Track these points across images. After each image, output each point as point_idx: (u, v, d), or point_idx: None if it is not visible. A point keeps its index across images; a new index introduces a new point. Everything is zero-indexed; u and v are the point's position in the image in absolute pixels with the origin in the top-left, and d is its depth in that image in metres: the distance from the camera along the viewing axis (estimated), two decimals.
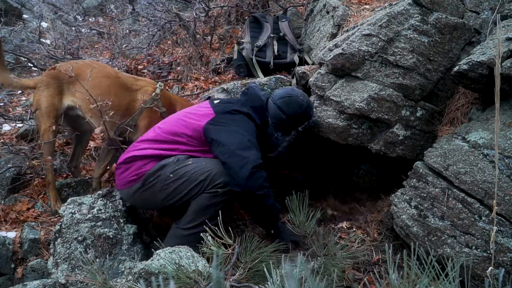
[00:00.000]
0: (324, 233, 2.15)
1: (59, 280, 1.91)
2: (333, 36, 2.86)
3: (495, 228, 1.53)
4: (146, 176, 2.05)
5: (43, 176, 2.68)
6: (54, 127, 2.51)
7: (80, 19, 5.70)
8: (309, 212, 2.02)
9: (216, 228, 1.53)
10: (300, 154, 2.71)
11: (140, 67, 4.16)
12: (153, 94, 2.56)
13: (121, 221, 2.15)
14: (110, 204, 2.20)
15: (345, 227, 2.46)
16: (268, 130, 2.30)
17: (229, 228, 1.62)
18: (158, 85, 2.61)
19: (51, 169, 2.57)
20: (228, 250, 1.55)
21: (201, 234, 1.56)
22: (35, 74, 4.35)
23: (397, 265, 0.94)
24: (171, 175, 2.00)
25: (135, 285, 1.45)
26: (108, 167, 2.77)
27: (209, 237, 1.50)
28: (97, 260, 1.94)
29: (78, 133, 2.72)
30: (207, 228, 1.55)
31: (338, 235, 2.28)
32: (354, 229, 2.41)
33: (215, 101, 2.24)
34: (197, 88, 3.51)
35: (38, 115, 2.53)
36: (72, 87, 2.51)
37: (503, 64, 1.91)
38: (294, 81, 2.89)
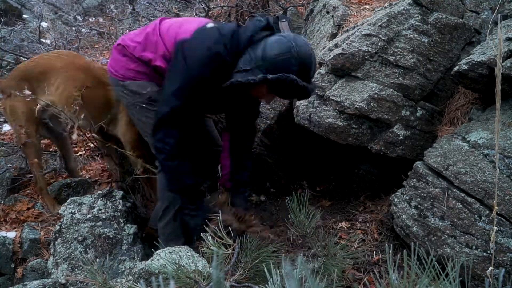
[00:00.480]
0: (324, 233, 2.15)
1: (59, 280, 1.91)
2: (333, 36, 2.86)
3: (495, 228, 1.53)
4: (123, 84, 2.01)
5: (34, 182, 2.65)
6: (34, 130, 2.38)
7: (80, 19, 5.70)
8: (309, 212, 2.02)
9: (216, 229, 1.53)
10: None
11: None
12: None
13: (121, 221, 2.15)
14: (110, 204, 2.20)
15: (345, 227, 2.46)
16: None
17: (229, 228, 1.62)
18: None
19: (41, 174, 2.48)
20: (228, 250, 1.55)
21: (201, 235, 1.55)
22: None
23: (397, 265, 0.94)
24: (137, 107, 2.00)
25: (135, 285, 1.45)
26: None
27: (209, 237, 1.50)
28: (97, 260, 1.94)
29: (55, 136, 2.65)
30: (207, 229, 1.55)
31: (338, 235, 2.28)
32: (353, 230, 2.42)
33: (209, 25, 1.86)
34: None
35: (15, 122, 2.39)
36: (44, 84, 2.33)
37: (503, 64, 1.91)
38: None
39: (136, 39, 1.98)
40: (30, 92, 2.17)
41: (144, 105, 1.98)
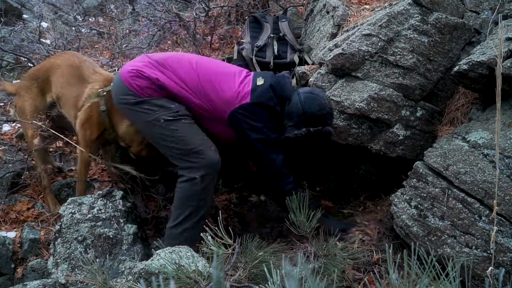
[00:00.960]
0: (324, 234, 2.15)
1: (59, 280, 1.91)
2: (333, 36, 2.86)
3: (495, 228, 1.53)
4: (145, 100, 2.09)
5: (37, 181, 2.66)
6: (40, 130, 2.41)
7: (80, 19, 5.70)
8: (309, 212, 2.02)
9: (216, 228, 1.53)
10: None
11: None
12: (100, 90, 2.32)
13: (121, 221, 2.15)
14: (110, 204, 2.20)
15: None
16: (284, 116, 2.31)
17: (229, 228, 1.61)
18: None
19: (46, 174, 2.53)
20: (228, 250, 1.55)
21: (201, 235, 1.55)
22: None
23: (397, 265, 0.94)
24: (162, 120, 2.06)
25: (135, 285, 1.45)
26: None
27: (209, 237, 1.50)
28: (97, 260, 1.94)
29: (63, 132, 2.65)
30: (207, 228, 1.55)
31: (338, 235, 2.28)
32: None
33: (259, 81, 2.23)
34: None
35: (24, 121, 2.47)
36: (47, 83, 2.45)
37: (503, 64, 1.91)
38: (294, 81, 2.89)
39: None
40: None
41: (170, 118, 2.07)
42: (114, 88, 2.22)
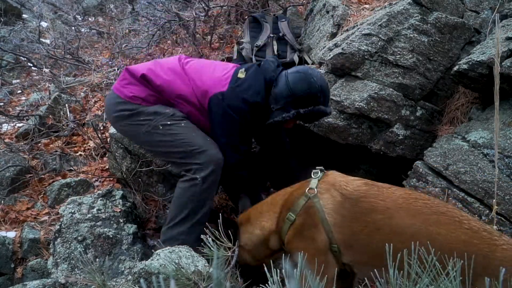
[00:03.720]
0: None
1: (59, 280, 1.91)
2: (333, 35, 2.85)
3: (494, 227, 1.53)
4: (139, 111, 2.07)
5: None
6: None
7: (80, 18, 5.69)
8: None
9: (216, 231, 1.52)
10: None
11: None
12: None
13: (121, 221, 2.15)
14: (110, 204, 2.20)
15: None
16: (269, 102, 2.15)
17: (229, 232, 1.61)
18: None
19: None
20: (228, 253, 1.54)
21: (202, 236, 1.54)
22: (34, 74, 4.35)
23: (397, 265, 0.94)
24: (160, 127, 2.04)
25: (134, 286, 1.45)
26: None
27: (209, 239, 1.50)
28: (97, 260, 1.94)
29: None
30: (207, 230, 1.54)
31: None
32: None
33: (240, 73, 2.13)
34: None
35: None
36: None
37: (503, 63, 1.91)
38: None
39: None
40: None
41: (168, 122, 2.05)
42: (106, 106, 2.24)
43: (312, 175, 1.67)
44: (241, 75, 2.11)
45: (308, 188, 1.60)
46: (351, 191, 1.53)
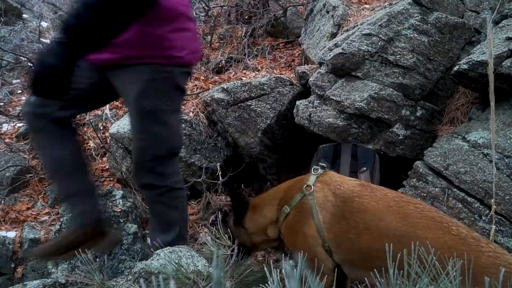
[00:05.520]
0: None
1: (59, 280, 1.91)
2: (333, 35, 2.86)
3: (493, 227, 1.53)
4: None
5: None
6: None
7: None
8: None
9: (215, 230, 1.52)
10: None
11: None
12: None
13: (121, 221, 2.15)
14: (110, 204, 2.20)
15: None
16: None
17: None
18: None
19: None
20: (227, 251, 1.54)
21: (201, 235, 1.55)
22: None
23: (397, 264, 0.94)
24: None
25: (134, 285, 1.45)
26: None
27: (209, 238, 1.50)
28: (97, 259, 1.94)
29: None
30: (207, 230, 1.54)
31: None
32: None
33: None
34: (197, 88, 3.51)
35: None
36: None
37: (503, 63, 1.91)
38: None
39: None
40: None
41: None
42: None
43: (312, 171, 1.68)
44: None
45: (305, 186, 1.62)
46: (343, 191, 1.54)
